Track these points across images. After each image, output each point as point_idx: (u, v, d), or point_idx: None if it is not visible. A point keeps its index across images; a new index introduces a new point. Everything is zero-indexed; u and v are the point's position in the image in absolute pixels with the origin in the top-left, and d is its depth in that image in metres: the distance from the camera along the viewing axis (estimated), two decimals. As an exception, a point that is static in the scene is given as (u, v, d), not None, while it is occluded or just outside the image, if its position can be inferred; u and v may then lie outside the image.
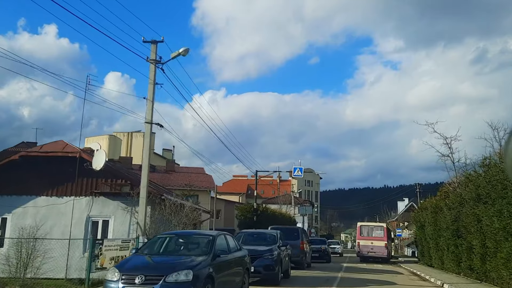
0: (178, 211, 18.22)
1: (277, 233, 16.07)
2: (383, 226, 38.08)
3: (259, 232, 17.87)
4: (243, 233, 17.01)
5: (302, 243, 21.35)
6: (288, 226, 23.39)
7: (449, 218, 21.33)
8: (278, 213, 36.24)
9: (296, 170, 29.84)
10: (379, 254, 35.12)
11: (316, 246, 29.75)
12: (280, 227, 22.93)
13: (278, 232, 16.68)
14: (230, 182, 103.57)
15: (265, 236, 16.15)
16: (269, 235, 16.09)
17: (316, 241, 31.27)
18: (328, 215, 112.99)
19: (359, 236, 36.23)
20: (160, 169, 59.84)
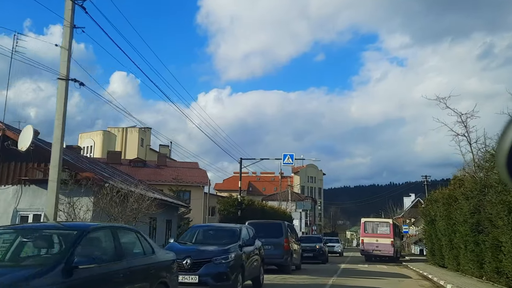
0: (125, 202, 14.09)
1: (239, 229, 11.77)
2: (389, 222, 34.06)
3: (217, 228, 13.49)
4: (196, 228, 12.72)
5: (286, 241, 17.17)
6: (269, 221, 19.11)
7: (467, 210, 17.24)
8: (269, 208, 32.17)
9: (286, 157, 25.75)
10: (385, 252, 31.45)
11: (309, 245, 25.65)
12: (259, 221, 18.89)
13: (244, 228, 12.39)
14: (231, 179, 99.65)
15: (224, 233, 11.92)
16: (229, 231, 11.87)
17: (310, 239, 27.13)
18: (331, 212, 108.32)
19: (363, 233, 32.75)
20: (151, 164, 56.04)
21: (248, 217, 25.62)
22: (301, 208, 45.92)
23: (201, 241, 11.40)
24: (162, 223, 22.41)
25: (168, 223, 23.81)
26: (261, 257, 12.73)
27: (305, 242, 26.31)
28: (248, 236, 12.02)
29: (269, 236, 17.29)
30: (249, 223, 17.96)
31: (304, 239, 26.93)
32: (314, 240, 26.88)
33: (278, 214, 33.28)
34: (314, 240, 26.88)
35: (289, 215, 38.38)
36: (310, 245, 25.59)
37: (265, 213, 29.07)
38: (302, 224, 40.95)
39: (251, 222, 18.13)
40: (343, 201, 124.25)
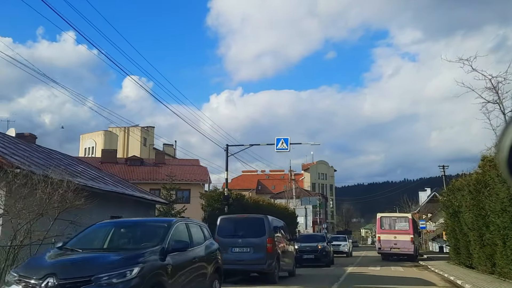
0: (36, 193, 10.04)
1: (169, 224, 7.42)
2: (408, 217, 29.91)
3: (135, 224, 8.63)
4: (102, 226, 8.03)
5: (270, 242, 12.97)
6: (248, 216, 14.72)
7: (505, 196, 12.97)
8: (266, 203, 27.97)
9: (279, 142, 21.56)
10: (404, 250, 27.71)
11: (310, 245, 21.45)
12: (235, 217, 14.72)
13: (181, 223, 7.95)
14: (239, 178, 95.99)
15: (144, 232, 7.59)
16: (152, 228, 7.59)
17: (311, 238, 22.85)
18: (344, 209, 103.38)
19: (380, 229, 28.89)
20: (149, 163, 52.31)
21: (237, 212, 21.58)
22: (307, 204, 41.56)
23: (110, 246, 7.19)
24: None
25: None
26: (213, 266, 8.55)
27: (305, 241, 22.12)
28: (188, 235, 7.81)
29: (247, 235, 13.20)
30: (222, 219, 13.85)
31: (304, 238, 22.76)
32: (316, 239, 22.63)
33: (277, 211, 29.08)
34: (316, 239, 22.63)
35: (292, 212, 34.18)
36: (310, 245, 21.37)
37: (260, 209, 24.89)
38: (307, 221, 36.65)
39: (224, 218, 14.03)
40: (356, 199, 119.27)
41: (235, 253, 12.92)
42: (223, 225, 13.56)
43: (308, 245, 21.45)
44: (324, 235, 23.63)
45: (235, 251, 12.94)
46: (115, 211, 16.83)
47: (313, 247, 21.23)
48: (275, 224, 14.26)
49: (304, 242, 22.00)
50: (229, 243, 13.06)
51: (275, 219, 14.87)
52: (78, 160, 23.14)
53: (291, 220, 34.01)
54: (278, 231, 14.33)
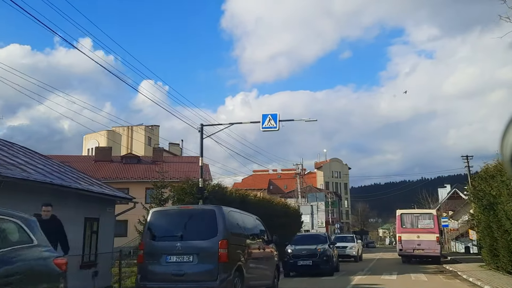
0: None
1: None
2: (433, 213, 25.48)
3: None
4: None
5: (224, 246, 8.26)
6: (192, 207, 9.97)
7: None
8: (258, 198, 23.20)
9: (265, 118, 16.82)
10: (429, 252, 23.72)
11: (307, 248, 16.66)
12: (172, 209, 10.22)
13: None
14: (250, 178, 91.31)
15: None
16: None
17: (309, 239, 17.87)
18: (359, 209, 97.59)
19: (400, 228, 24.51)
20: (146, 160, 48.22)
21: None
22: (313, 201, 36.75)
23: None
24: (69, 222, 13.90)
25: (89, 222, 15.39)
26: None
27: (301, 243, 17.35)
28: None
29: (190, 236, 8.56)
30: (154, 213, 9.23)
31: (300, 239, 17.92)
32: (315, 240, 17.69)
33: (273, 208, 24.39)
34: (315, 240, 17.69)
35: (294, 210, 29.45)
36: (307, 248, 16.58)
37: (247, 206, 20.23)
38: (314, 220, 31.86)
39: (157, 211, 9.38)
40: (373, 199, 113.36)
41: (170, 264, 8.33)
42: (155, 221, 8.95)
43: (305, 248, 16.70)
44: (327, 235, 18.67)
45: (171, 261, 8.34)
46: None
47: (311, 250, 16.47)
48: (238, 220, 9.56)
49: (300, 244, 17.25)
50: (163, 248, 8.50)
51: (239, 212, 10.19)
52: (27, 151, 18.74)
53: (294, 219, 29.23)
54: (243, 230, 9.66)
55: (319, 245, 16.93)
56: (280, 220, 24.81)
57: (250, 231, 10.19)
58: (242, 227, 9.72)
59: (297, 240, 18.02)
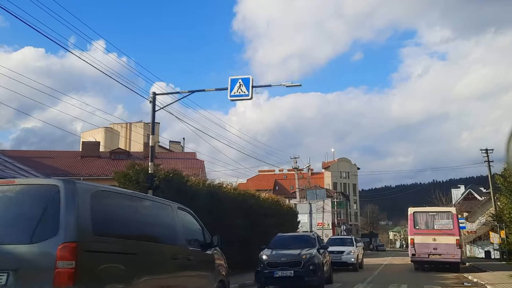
0: None
1: None
2: (451, 211, 21.00)
3: None
4: None
5: (67, 253, 4.12)
6: (8, 183, 6.04)
7: None
8: (238, 192, 18.76)
9: (235, 84, 12.62)
10: (448, 257, 19.55)
11: (288, 253, 12.35)
12: None
13: None
14: (255, 178, 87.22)
15: None
16: None
17: (293, 242, 13.25)
18: (368, 210, 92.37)
19: (413, 229, 20.35)
20: (138, 156, 44.39)
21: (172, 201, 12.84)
22: (312, 198, 32.40)
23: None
24: None
25: None
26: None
27: (281, 247, 13.01)
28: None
29: (7, 237, 4.37)
30: None
31: (279, 242, 13.47)
32: (301, 242, 13.32)
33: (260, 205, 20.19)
34: (301, 242, 13.32)
35: (289, 208, 25.13)
36: (289, 254, 12.29)
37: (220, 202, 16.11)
38: (312, 220, 27.49)
39: None
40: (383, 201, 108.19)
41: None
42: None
43: (286, 253, 12.40)
44: (316, 237, 14.11)
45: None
46: None
47: (294, 256, 12.18)
48: (127, 210, 5.27)
49: (279, 248, 12.95)
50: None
51: (137, 197, 5.95)
52: None
53: (289, 218, 24.95)
54: (138, 227, 5.37)
55: (304, 250, 12.61)
56: (269, 220, 20.64)
57: (158, 230, 5.99)
58: (139, 222, 5.55)
59: (276, 242, 13.60)
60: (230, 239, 17.13)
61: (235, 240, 17.37)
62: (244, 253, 17.50)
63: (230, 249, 17.58)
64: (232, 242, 17.24)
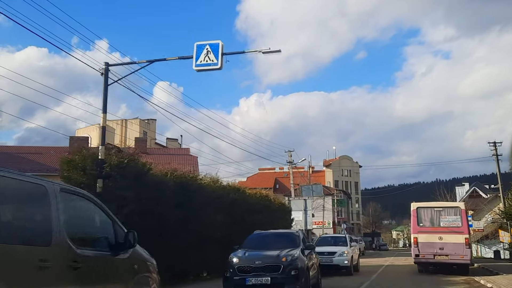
0: None
1: None
2: (460, 207, 18.33)
3: None
4: None
5: None
6: None
7: None
8: (217, 186, 16.39)
9: (201, 51, 10.34)
10: (456, 258, 17.13)
11: (264, 255, 9.99)
12: None
13: None
14: (255, 176, 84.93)
15: None
16: None
17: (272, 242, 10.72)
18: (371, 209, 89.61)
19: (416, 226, 18.02)
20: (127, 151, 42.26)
21: (121, 192, 10.65)
22: (308, 194, 30.03)
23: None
24: None
25: None
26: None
27: (256, 247, 10.66)
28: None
29: None
30: None
31: (256, 241, 11.07)
32: (282, 241, 10.96)
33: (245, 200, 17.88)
34: (282, 241, 10.96)
35: (281, 204, 22.74)
36: (265, 256, 9.96)
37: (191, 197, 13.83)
38: (307, 218, 25.16)
39: None
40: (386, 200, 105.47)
41: None
42: None
43: (261, 255, 10.12)
44: (300, 235, 11.66)
45: None
46: None
47: (270, 259, 9.86)
48: None
49: (254, 248, 10.66)
50: None
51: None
52: None
53: (280, 216, 22.60)
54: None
55: (284, 251, 10.29)
56: (256, 217, 18.31)
57: (10, 224, 3.74)
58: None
59: (251, 241, 11.22)
60: (207, 237, 14.89)
61: (213, 239, 15.13)
62: (225, 254, 15.25)
63: (207, 249, 15.41)
64: (209, 240, 15.00)
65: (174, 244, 12.60)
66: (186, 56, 11.56)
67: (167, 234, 12.29)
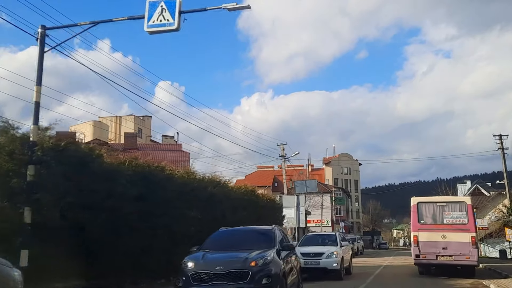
0: None
1: None
2: (465, 202, 16.19)
3: None
4: None
5: None
6: None
7: None
8: (188, 178, 14.27)
9: (154, 10, 8.44)
10: (461, 259, 15.13)
11: (229, 258, 8.01)
12: None
13: None
14: (254, 174, 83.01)
15: None
16: None
17: (241, 239, 8.62)
18: (370, 208, 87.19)
19: (417, 224, 15.97)
20: (116, 147, 40.36)
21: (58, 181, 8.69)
22: (302, 190, 28.10)
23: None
24: None
25: None
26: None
27: (221, 248, 8.62)
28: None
29: None
30: None
31: (221, 240, 9.03)
32: (253, 242, 9.03)
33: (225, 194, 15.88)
34: (253, 242, 9.03)
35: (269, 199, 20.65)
36: (230, 260, 7.96)
37: (155, 189, 11.84)
38: (299, 215, 23.04)
39: None
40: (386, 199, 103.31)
41: None
42: None
43: (224, 258, 8.12)
44: (276, 231, 9.38)
45: None
46: None
47: (235, 264, 7.83)
48: None
49: (217, 251, 8.63)
50: None
51: None
52: None
53: (269, 213, 20.59)
54: None
55: (254, 253, 8.25)
56: (239, 214, 16.31)
57: None
58: None
59: (213, 241, 9.16)
60: (179, 235, 12.94)
61: (185, 237, 13.11)
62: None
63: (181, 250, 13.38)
64: (182, 239, 13.01)
65: (132, 242, 10.62)
66: (136, 16, 9.55)
67: (122, 230, 10.31)
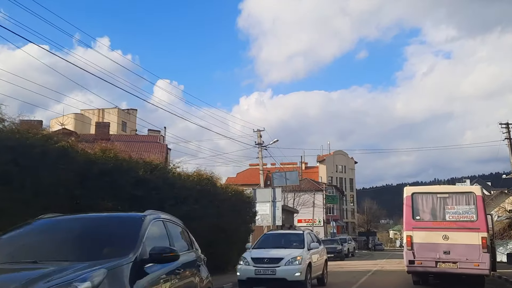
0: None
1: None
2: (474, 192, 12.15)
3: None
4: None
5: None
6: None
7: None
8: (101, 156, 10.82)
9: None
10: (467, 266, 11.30)
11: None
12: None
13: None
14: (245, 172, 79.34)
15: None
16: None
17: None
18: (365, 207, 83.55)
19: (411, 220, 12.28)
20: (86, 138, 36.71)
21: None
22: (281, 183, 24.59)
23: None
24: None
25: None
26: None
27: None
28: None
29: None
30: None
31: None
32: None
33: (168, 182, 12.24)
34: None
35: (236, 192, 16.88)
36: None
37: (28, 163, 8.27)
38: (276, 211, 19.30)
39: None
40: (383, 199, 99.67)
41: None
42: None
43: None
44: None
45: None
46: None
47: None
48: None
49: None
50: None
51: None
52: None
53: (234, 207, 16.82)
54: None
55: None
56: (184, 208, 12.39)
57: None
58: None
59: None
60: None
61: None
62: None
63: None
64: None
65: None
66: None
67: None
